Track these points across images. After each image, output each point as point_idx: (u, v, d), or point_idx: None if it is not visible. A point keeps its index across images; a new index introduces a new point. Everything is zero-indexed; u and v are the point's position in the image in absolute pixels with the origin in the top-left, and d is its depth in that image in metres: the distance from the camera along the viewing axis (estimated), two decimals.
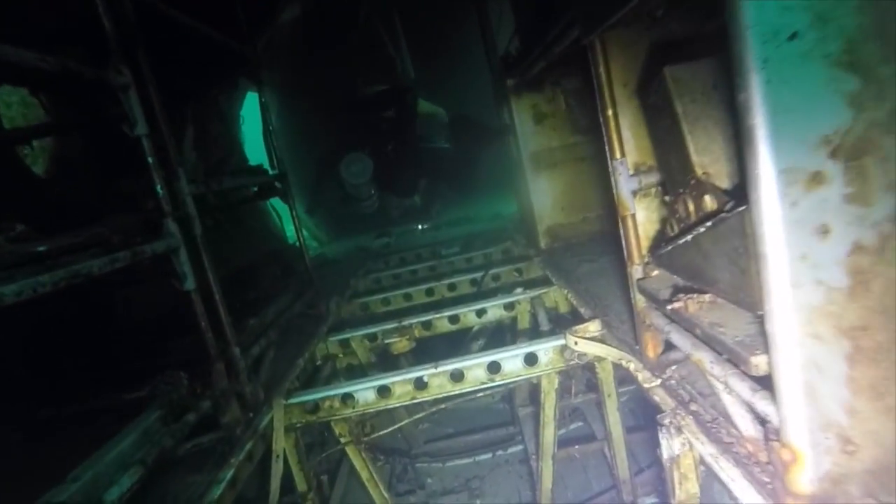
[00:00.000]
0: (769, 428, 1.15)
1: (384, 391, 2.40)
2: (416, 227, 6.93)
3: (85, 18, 1.91)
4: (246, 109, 6.40)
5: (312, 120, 7.41)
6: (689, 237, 1.40)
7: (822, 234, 0.95)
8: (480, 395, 2.79)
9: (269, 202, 5.79)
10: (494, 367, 2.39)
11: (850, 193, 0.93)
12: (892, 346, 0.98)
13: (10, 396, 2.20)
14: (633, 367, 1.99)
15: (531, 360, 2.40)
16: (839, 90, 0.89)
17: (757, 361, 1.12)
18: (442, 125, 6.73)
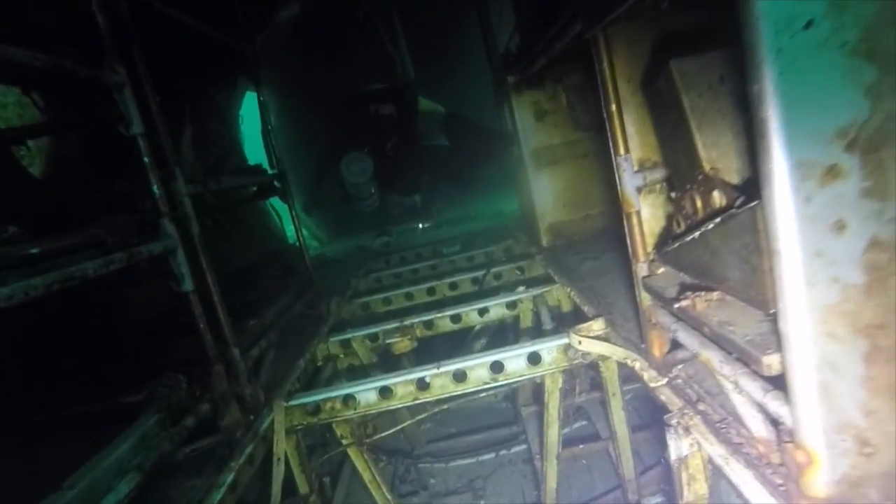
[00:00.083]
0: (782, 429, 1.12)
1: (386, 392, 2.37)
2: (416, 225, 6.89)
3: (80, 17, 1.89)
4: (245, 109, 6.37)
5: (311, 119, 7.37)
6: (696, 234, 1.37)
7: (837, 229, 0.92)
8: (483, 394, 2.76)
9: (268, 202, 5.77)
10: (497, 366, 2.37)
11: (866, 187, 0.90)
12: None
13: (6, 400, 2.17)
14: (638, 366, 1.96)
15: (534, 359, 2.38)
16: (856, 80, 0.86)
17: (769, 361, 1.09)
18: (441, 122, 6.68)
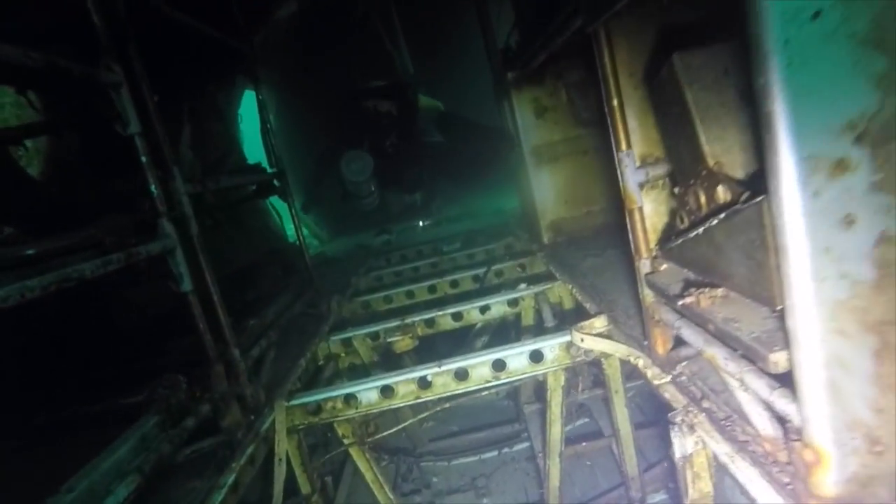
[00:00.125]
0: (789, 427, 1.10)
1: (387, 391, 2.36)
2: (416, 223, 6.87)
3: (76, 16, 1.87)
4: (244, 108, 6.35)
5: (310, 118, 7.35)
6: (700, 230, 1.35)
7: (846, 224, 0.90)
8: (485, 392, 2.74)
9: (268, 201, 5.75)
10: (499, 364, 2.35)
11: (876, 181, 0.88)
12: None
13: (5, 402, 2.16)
14: (641, 363, 1.95)
15: (537, 357, 2.36)
16: (865, 71, 0.84)
17: (776, 358, 1.07)
18: (437, 120, 6.65)
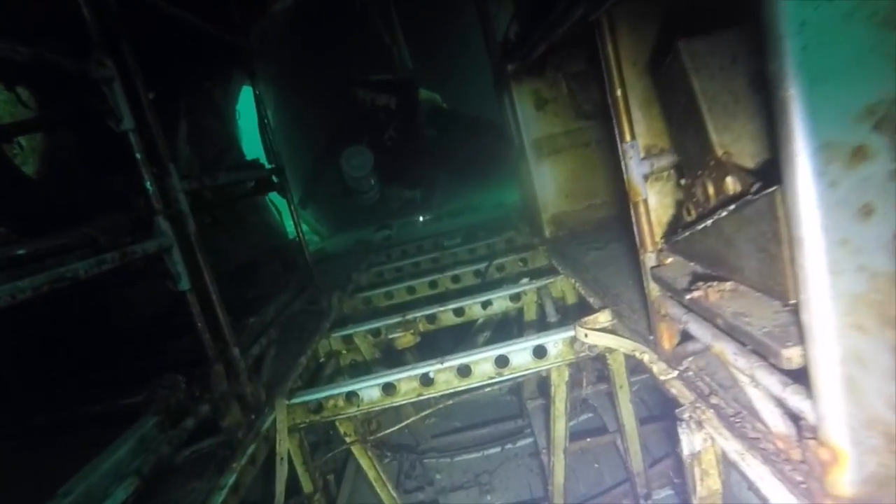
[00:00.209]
0: (803, 424, 1.07)
1: (389, 388, 2.33)
2: (417, 218, 6.83)
3: (67, 10, 1.83)
4: (242, 104, 6.29)
5: (308, 113, 7.30)
6: (709, 222, 1.31)
7: (864, 215, 0.86)
8: (488, 388, 2.72)
9: (267, 197, 5.71)
10: (502, 360, 2.32)
11: None
12: None
13: (3, 403, 2.14)
14: (647, 358, 1.91)
15: (540, 352, 2.33)
16: (886, 53, 0.80)
17: (789, 354, 1.04)
18: (432, 112, 6.60)
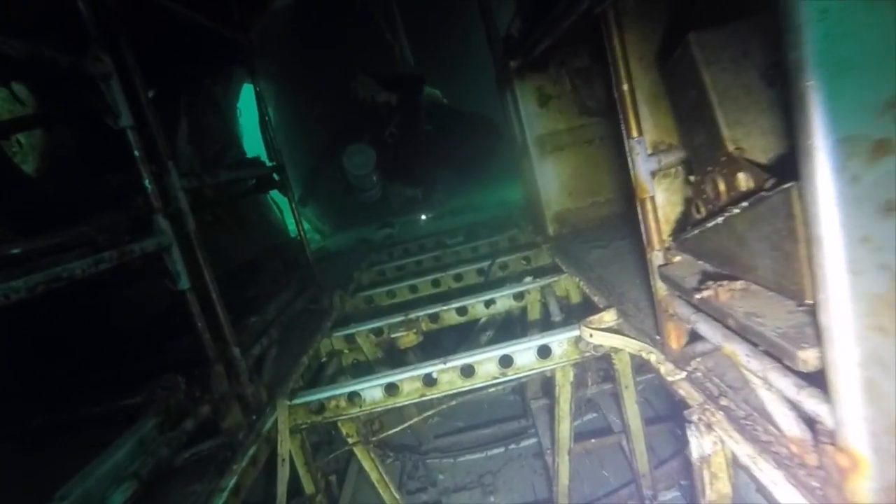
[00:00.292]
0: (819, 429, 1.03)
1: (392, 389, 2.30)
2: (419, 217, 6.80)
3: (63, 5, 1.80)
4: (243, 102, 6.26)
5: (309, 110, 7.27)
6: (720, 219, 1.28)
7: (887, 211, 0.83)
8: (491, 389, 2.69)
9: (269, 195, 5.69)
10: (506, 360, 2.29)
11: None
12: None
13: (1, 404, 2.11)
14: (654, 358, 1.88)
15: (544, 352, 2.30)
16: None
17: (806, 356, 1.00)
18: (440, 109, 6.56)
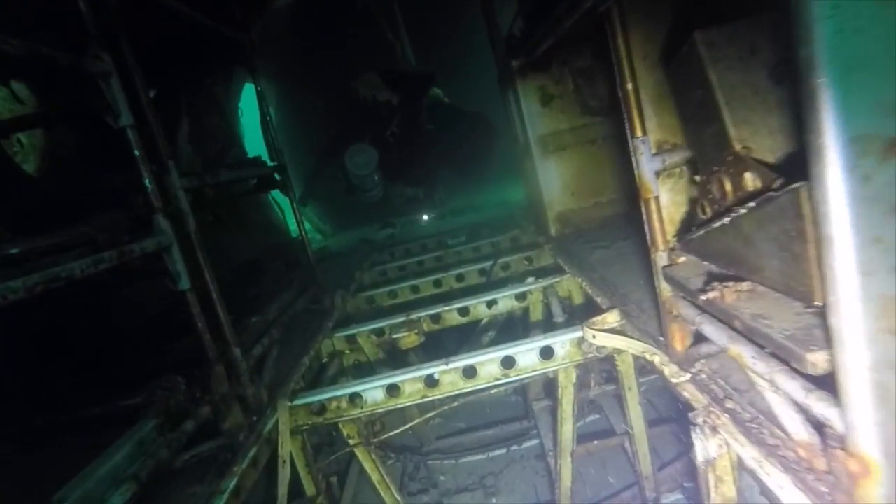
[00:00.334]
0: (828, 433, 1.02)
1: (393, 390, 2.28)
2: (420, 216, 6.79)
3: (64, 4, 1.79)
4: (244, 101, 6.27)
5: (311, 110, 7.26)
6: (726, 220, 1.26)
7: None
8: (493, 390, 2.67)
9: (270, 195, 5.68)
10: (508, 361, 2.27)
11: None
12: None
13: (1, 405, 2.10)
14: (658, 360, 1.86)
15: (547, 353, 2.28)
16: None
17: (814, 359, 0.99)
18: (440, 108, 6.54)
